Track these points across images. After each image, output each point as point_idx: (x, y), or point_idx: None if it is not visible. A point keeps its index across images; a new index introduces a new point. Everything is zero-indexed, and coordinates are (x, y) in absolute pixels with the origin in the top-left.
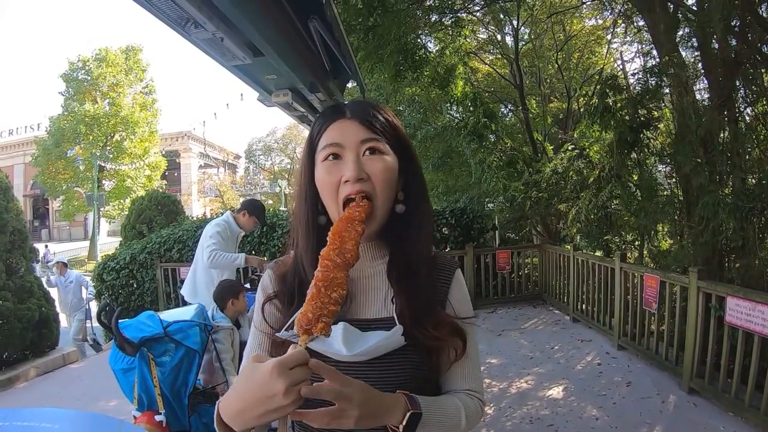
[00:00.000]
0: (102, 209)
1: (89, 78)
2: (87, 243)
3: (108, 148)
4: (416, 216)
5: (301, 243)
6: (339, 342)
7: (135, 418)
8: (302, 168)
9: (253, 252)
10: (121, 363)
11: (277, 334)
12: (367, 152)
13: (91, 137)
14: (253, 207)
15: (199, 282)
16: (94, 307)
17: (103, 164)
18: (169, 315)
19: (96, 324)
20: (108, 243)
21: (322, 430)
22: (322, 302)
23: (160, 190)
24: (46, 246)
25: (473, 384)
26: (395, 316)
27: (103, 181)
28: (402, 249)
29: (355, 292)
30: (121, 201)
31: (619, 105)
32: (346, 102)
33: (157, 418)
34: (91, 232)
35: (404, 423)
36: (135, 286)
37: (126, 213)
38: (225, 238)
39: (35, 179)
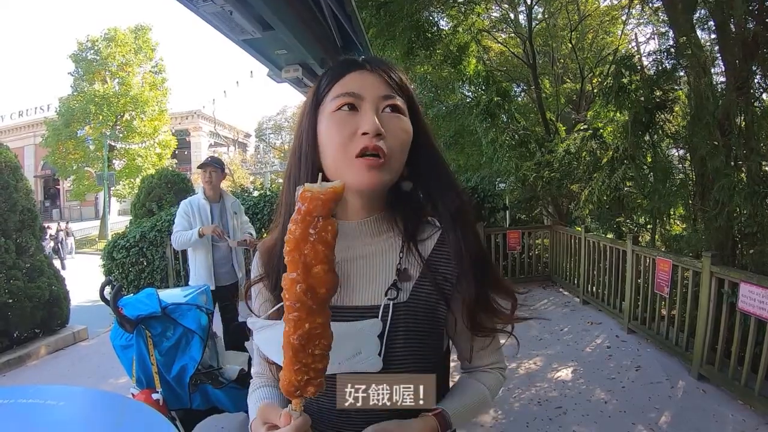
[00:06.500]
0: (112, 188)
1: (98, 58)
2: (98, 222)
3: (118, 127)
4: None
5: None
6: None
7: (133, 395)
8: (303, 122)
9: (263, 230)
10: (120, 339)
11: (249, 322)
12: (387, 109)
13: (101, 117)
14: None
15: (189, 262)
16: None
17: (113, 144)
18: (170, 295)
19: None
20: (119, 222)
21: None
22: (304, 363)
23: (170, 169)
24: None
25: (495, 357)
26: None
27: (114, 161)
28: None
29: (347, 274)
30: (132, 180)
31: (634, 85)
32: (361, 57)
33: (154, 396)
34: (102, 211)
35: None
36: (145, 263)
37: (136, 192)
38: (188, 216)
39: (46, 160)
